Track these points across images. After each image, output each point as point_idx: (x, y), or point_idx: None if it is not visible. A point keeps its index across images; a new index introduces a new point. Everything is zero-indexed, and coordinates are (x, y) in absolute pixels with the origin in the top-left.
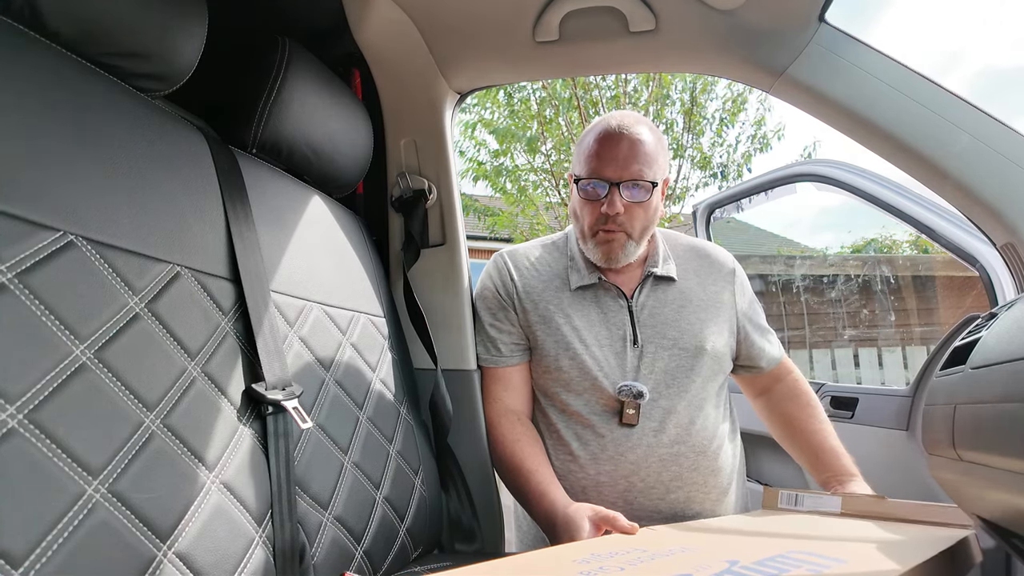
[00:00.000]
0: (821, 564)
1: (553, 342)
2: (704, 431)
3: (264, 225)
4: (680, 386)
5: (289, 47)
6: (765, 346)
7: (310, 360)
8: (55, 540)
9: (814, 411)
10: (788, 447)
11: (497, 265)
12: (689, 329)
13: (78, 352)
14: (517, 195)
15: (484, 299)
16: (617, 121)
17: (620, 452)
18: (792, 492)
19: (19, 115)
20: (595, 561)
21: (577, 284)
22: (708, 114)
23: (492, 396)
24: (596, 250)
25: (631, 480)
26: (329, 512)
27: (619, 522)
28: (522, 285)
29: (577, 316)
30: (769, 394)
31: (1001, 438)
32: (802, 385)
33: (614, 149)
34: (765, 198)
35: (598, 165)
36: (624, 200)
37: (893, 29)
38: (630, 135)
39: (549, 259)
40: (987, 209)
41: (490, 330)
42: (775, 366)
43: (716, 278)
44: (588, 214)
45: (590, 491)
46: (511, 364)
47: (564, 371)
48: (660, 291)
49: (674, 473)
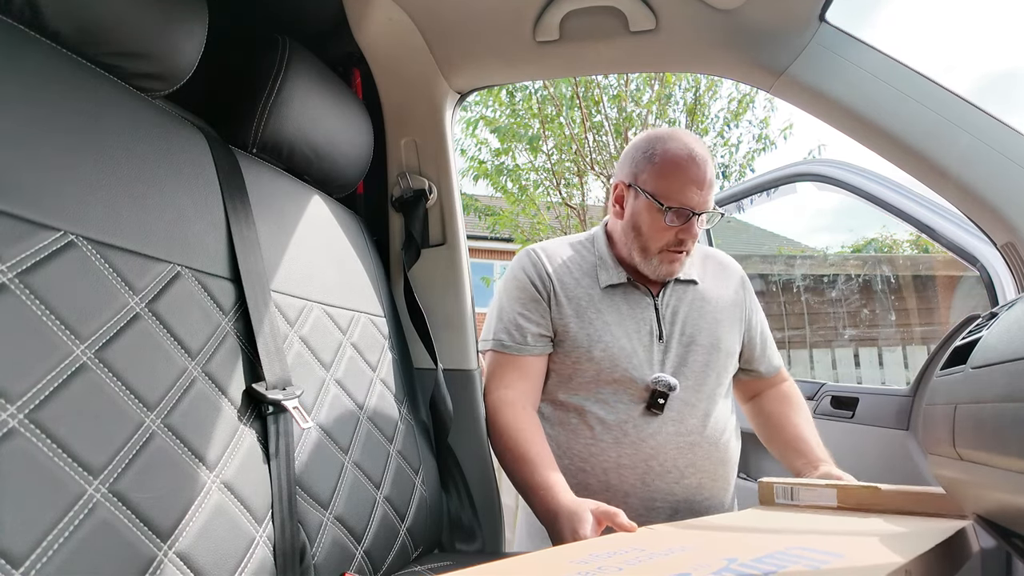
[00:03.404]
0: (819, 559)
1: (586, 335)
2: (717, 423)
3: (264, 225)
4: (698, 380)
5: (289, 47)
6: (767, 353)
7: (310, 360)
8: (56, 540)
9: (798, 409)
10: (766, 440)
11: (531, 258)
12: (707, 328)
13: (79, 352)
14: (518, 194)
15: (516, 289)
16: (697, 150)
17: (642, 438)
18: (787, 485)
19: (20, 115)
20: (593, 561)
21: (607, 283)
22: (712, 113)
23: (504, 382)
24: (662, 267)
25: (650, 464)
26: (329, 512)
27: (620, 519)
28: (557, 279)
29: (608, 311)
30: (760, 396)
31: (1002, 438)
32: (793, 390)
33: (700, 181)
34: (766, 198)
35: (691, 197)
36: (698, 227)
37: (893, 29)
38: (708, 166)
39: (578, 257)
40: (987, 208)
41: (518, 319)
42: (774, 373)
43: (729, 283)
44: (664, 236)
45: (611, 473)
46: (533, 353)
47: (596, 361)
48: (682, 292)
49: (689, 460)
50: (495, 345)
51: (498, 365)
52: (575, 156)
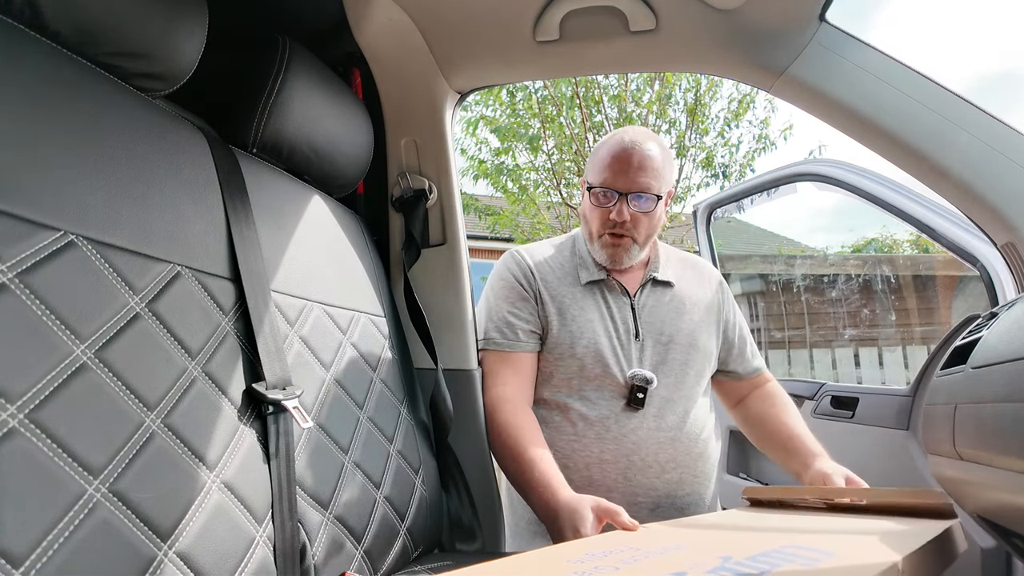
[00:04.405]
0: (813, 558)
1: (568, 332)
2: (697, 420)
3: (264, 225)
4: (678, 377)
5: (290, 47)
6: (746, 354)
7: (310, 360)
8: (56, 540)
9: (785, 408)
10: (759, 444)
11: (515, 259)
12: (684, 328)
13: (79, 352)
14: (518, 194)
15: (502, 288)
16: (630, 137)
17: (623, 433)
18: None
19: (20, 115)
20: (589, 561)
21: (586, 280)
22: (712, 113)
23: (500, 379)
24: (602, 252)
25: (631, 459)
26: (329, 511)
27: (621, 517)
28: (541, 278)
29: (590, 308)
30: (745, 399)
31: (1002, 437)
32: (777, 389)
33: (625, 162)
34: (766, 198)
35: (610, 176)
36: (631, 210)
37: (893, 29)
38: (640, 150)
39: (560, 257)
40: (987, 208)
41: (508, 316)
42: (753, 375)
43: (706, 287)
44: (597, 219)
45: (593, 468)
46: (525, 350)
47: (578, 358)
48: (659, 293)
49: (669, 455)
50: (486, 344)
51: (491, 363)
52: (575, 156)
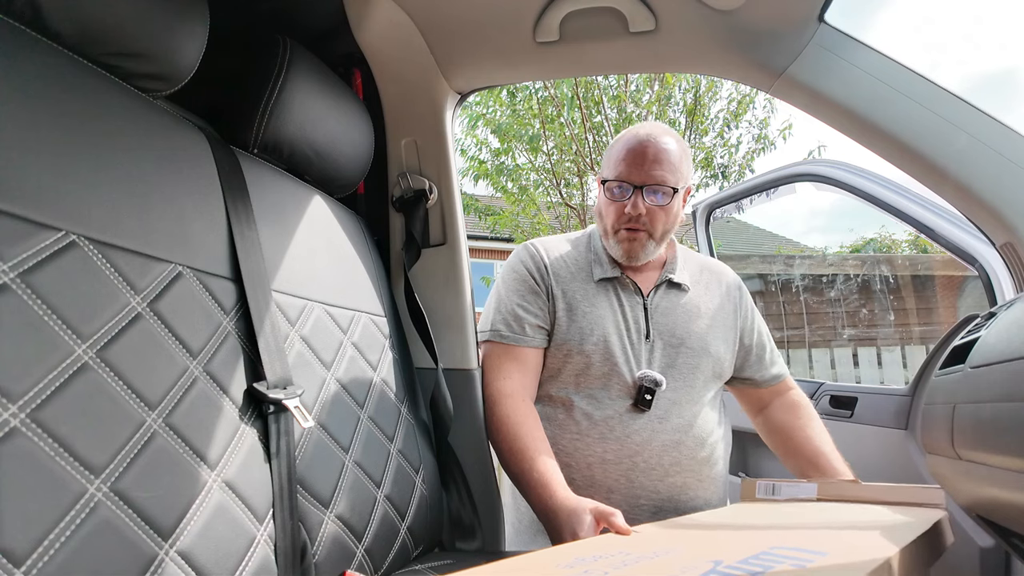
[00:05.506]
0: (804, 558)
1: (578, 328)
2: (704, 426)
3: (265, 225)
4: (685, 382)
5: (290, 47)
6: (765, 361)
7: (311, 359)
8: (57, 539)
9: (810, 420)
10: (785, 459)
11: (530, 251)
12: (696, 332)
13: (80, 351)
14: (518, 194)
15: (515, 281)
16: (646, 131)
17: (627, 434)
18: (769, 482)
19: (21, 116)
20: (580, 565)
21: (600, 276)
22: (712, 114)
23: (504, 373)
24: (618, 247)
25: (634, 460)
26: (330, 510)
27: (616, 520)
28: (554, 273)
29: (601, 305)
30: (767, 408)
31: (1000, 437)
32: (801, 399)
33: (640, 155)
34: (766, 198)
35: (624, 169)
36: (646, 203)
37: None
38: (656, 143)
39: (575, 253)
40: (986, 209)
41: (517, 310)
42: (773, 382)
43: (723, 292)
44: (612, 213)
45: (595, 468)
46: (532, 345)
47: (587, 355)
48: (673, 295)
49: (673, 459)
50: (492, 336)
51: (496, 356)
52: (575, 156)
